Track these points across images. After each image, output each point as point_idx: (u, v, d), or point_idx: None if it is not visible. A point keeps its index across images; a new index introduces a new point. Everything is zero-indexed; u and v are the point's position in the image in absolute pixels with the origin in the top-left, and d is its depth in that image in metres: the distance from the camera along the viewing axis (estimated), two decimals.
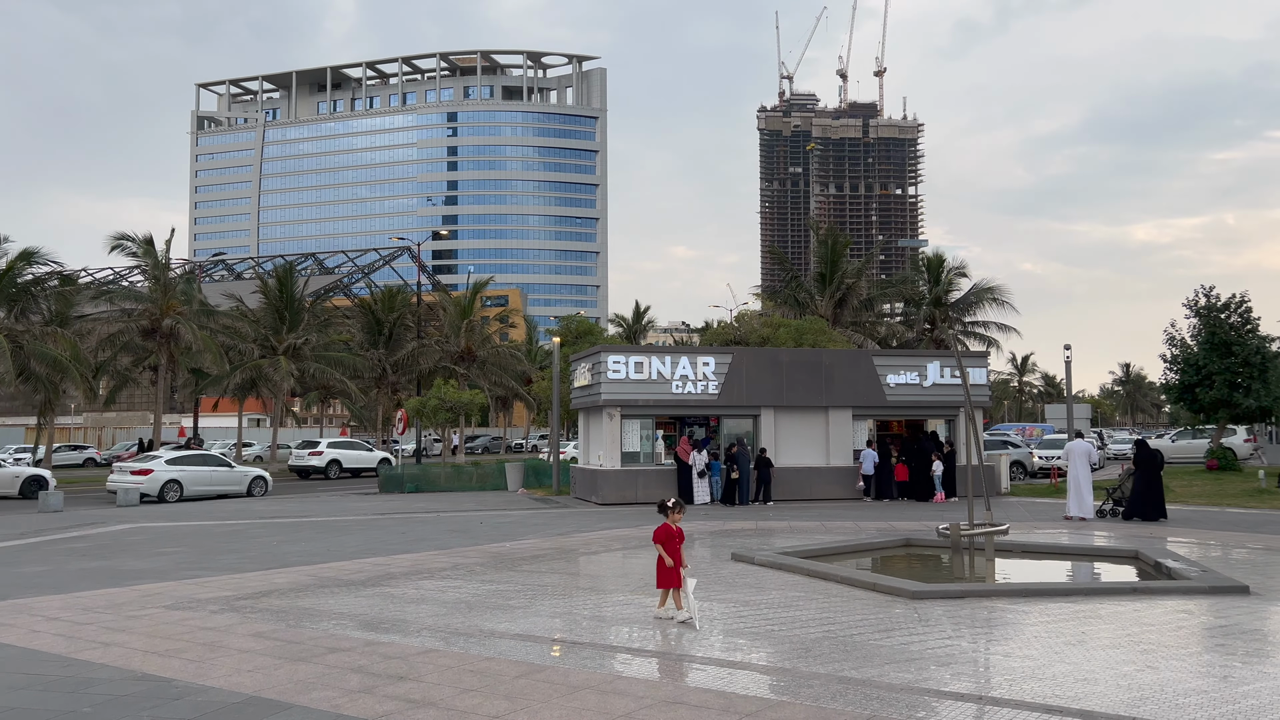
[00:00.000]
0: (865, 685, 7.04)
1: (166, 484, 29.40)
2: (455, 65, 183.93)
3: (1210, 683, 7.10)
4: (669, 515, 9.58)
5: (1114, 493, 20.54)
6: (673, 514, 9.57)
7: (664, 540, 9.44)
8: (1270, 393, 34.81)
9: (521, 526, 19.75)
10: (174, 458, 31.02)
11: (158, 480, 29.29)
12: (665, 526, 9.54)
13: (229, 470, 31.71)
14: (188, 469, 30.31)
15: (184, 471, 30.08)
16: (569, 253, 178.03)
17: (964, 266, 52.12)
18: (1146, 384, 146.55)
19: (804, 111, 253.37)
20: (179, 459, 30.95)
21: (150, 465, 29.76)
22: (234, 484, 31.24)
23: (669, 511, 9.60)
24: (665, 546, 9.42)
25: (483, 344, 57.95)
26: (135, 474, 29.27)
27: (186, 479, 29.90)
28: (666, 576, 9.49)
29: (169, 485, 29.43)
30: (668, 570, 9.45)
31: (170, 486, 29.43)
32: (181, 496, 29.53)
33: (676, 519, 9.59)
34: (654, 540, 9.54)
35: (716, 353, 26.66)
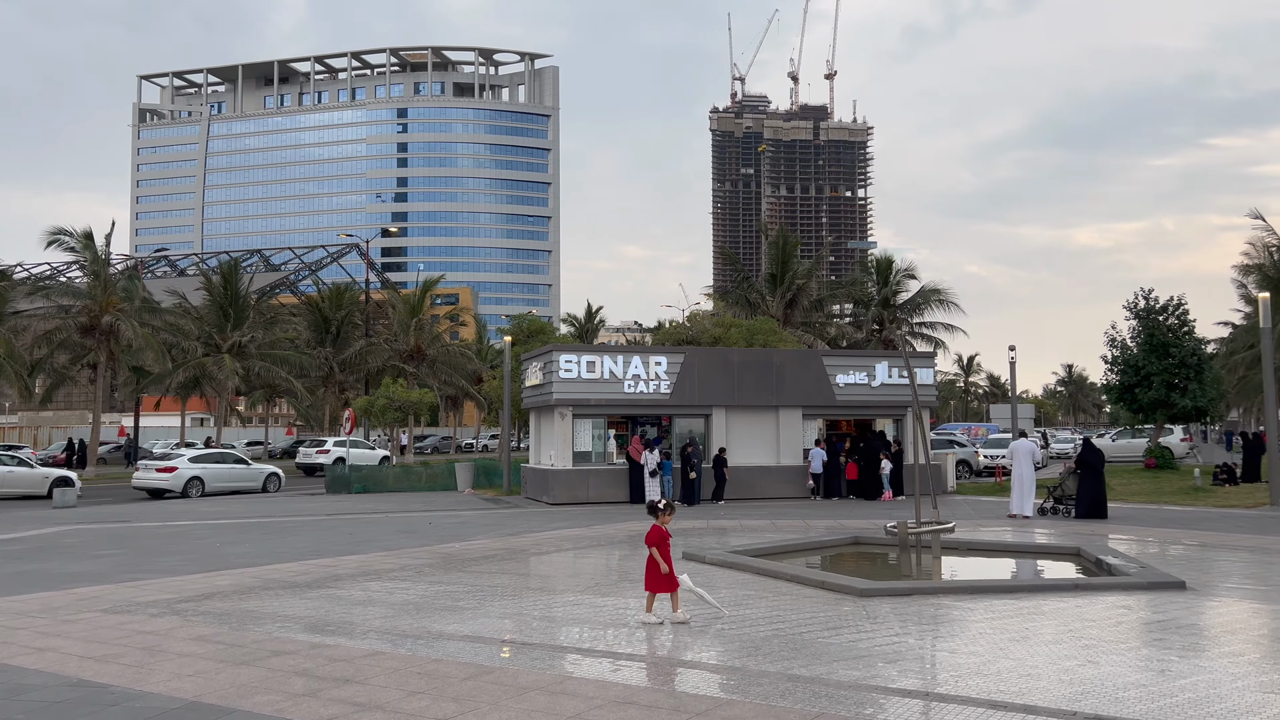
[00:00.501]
0: (814, 683, 7.08)
1: (190, 481, 30.60)
2: (406, 61, 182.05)
3: (1149, 676, 7.25)
4: (659, 517, 9.38)
5: (1055, 491, 20.93)
6: (663, 515, 9.38)
7: (658, 543, 9.20)
8: (1205, 393, 35.77)
9: (471, 527, 19.60)
10: (196, 456, 32.30)
11: (181, 477, 30.58)
12: (657, 529, 9.29)
13: (246, 467, 33.06)
14: (209, 466, 31.56)
15: (206, 469, 31.30)
16: (521, 251, 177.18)
17: (912, 268, 52.88)
18: (1088, 385, 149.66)
19: (756, 113, 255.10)
20: (200, 457, 32.20)
21: (175, 464, 31.23)
22: (251, 480, 32.50)
23: (659, 513, 9.41)
24: (659, 549, 9.18)
25: (432, 343, 57.43)
26: (161, 471, 30.70)
27: (208, 476, 31.13)
28: (659, 580, 9.23)
29: (192, 482, 30.62)
30: (660, 574, 9.19)
31: (193, 483, 30.63)
32: (203, 492, 30.68)
33: (667, 520, 9.39)
34: (647, 543, 9.32)
35: (669, 352, 26.70)
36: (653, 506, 9.57)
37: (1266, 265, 49.63)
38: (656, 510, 9.48)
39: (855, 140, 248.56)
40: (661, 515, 9.40)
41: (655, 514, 9.46)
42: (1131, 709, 6.37)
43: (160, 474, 30.60)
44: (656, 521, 9.38)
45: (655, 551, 9.21)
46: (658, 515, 9.43)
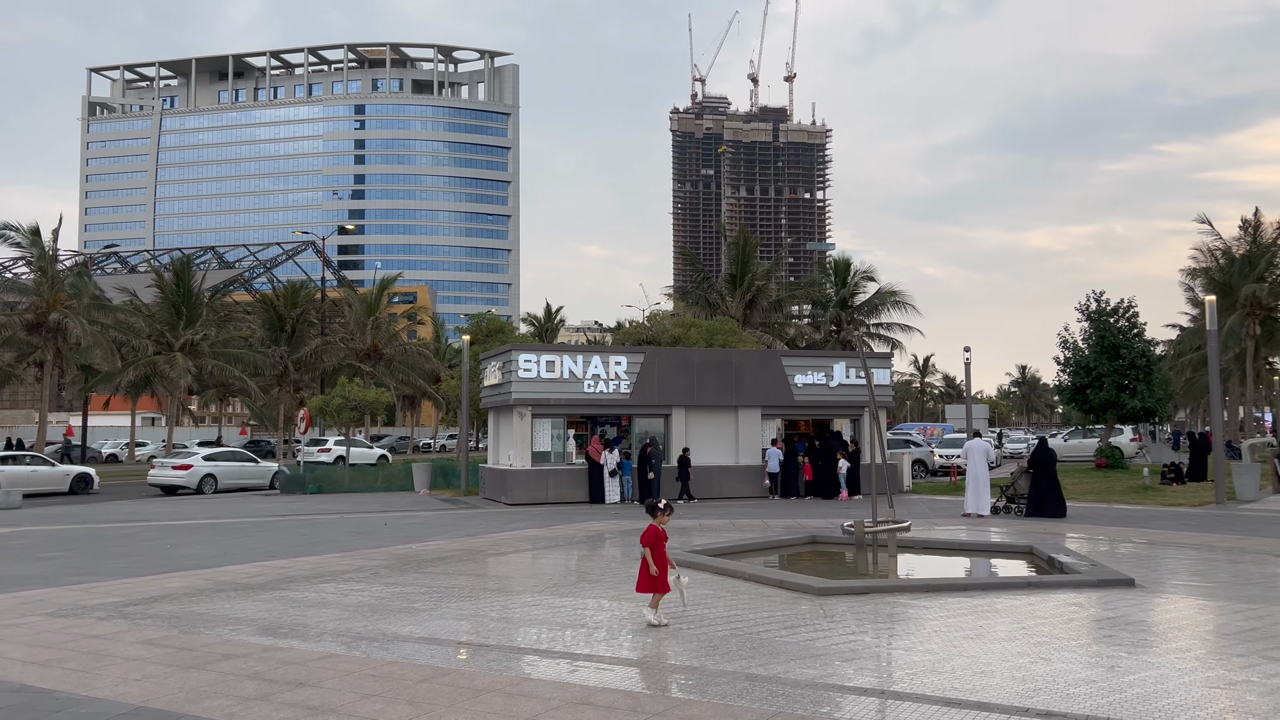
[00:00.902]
0: (771, 682, 7.10)
1: (204, 478, 31.88)
2: (364, 57, 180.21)
3: (1099, 673, 7.36)
4: (657, 517, 9.16)
5: (1008, 490, 21.22)
6: (662, 516, 9.16)
7: (653, 544, 9.00)
8: (1154, 394, 36.52)
9: (428, 528, 19.43)
10: (210, 454, 33.59)
11: (197, 474, 31.84)
12: (654, 529, 9.08)
13: (255, 465, 34.03)
14: (222, 464, 32.80)
15: (219, 466, 32.53)
16: (480, 250, 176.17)
17: (870, 270, 53.37)
18: (1041, 385, 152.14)
19: (716, 114, 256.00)
20: (214, 455, 33.57)
21: (190, 461, 32.54)
22: (260, 477, 33.42)
23: (658, 513, 9.18)
24: (654, 551, 8.98)
25: (390, 341, 56.90)
26: (176, 469, 31.95)
27: (221, 473, 32.28)
28: (651, 582, 9.04)
29: (206, 479, 31.89)
30: (651, 577, 9.00)
31: (207, 480, 31.91)
32: (216, 489, 31.79)
33: (665, 521, 9.18)
34: (642, 543, 9.11)
35: (629, 352, 26.68)
36: (652, 506, 9.28)
37: (1213, 269, 50.82)
38: (656, 510, 9.22)
39: (814, 142, 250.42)
40: (660, 515, 9.16)
41: (654, 514, 9.21)
42: (1082, 705, 6.46)
43: (176, 471, 31.82)
44: (654, 521, 9.15)
45: (648, 552, 9.01)
46: (656, 515, 9.18)
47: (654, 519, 9.20)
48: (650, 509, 9.32)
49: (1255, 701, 6.57)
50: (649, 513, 9.33)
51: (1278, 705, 6.46)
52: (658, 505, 9.29)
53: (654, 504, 9.33)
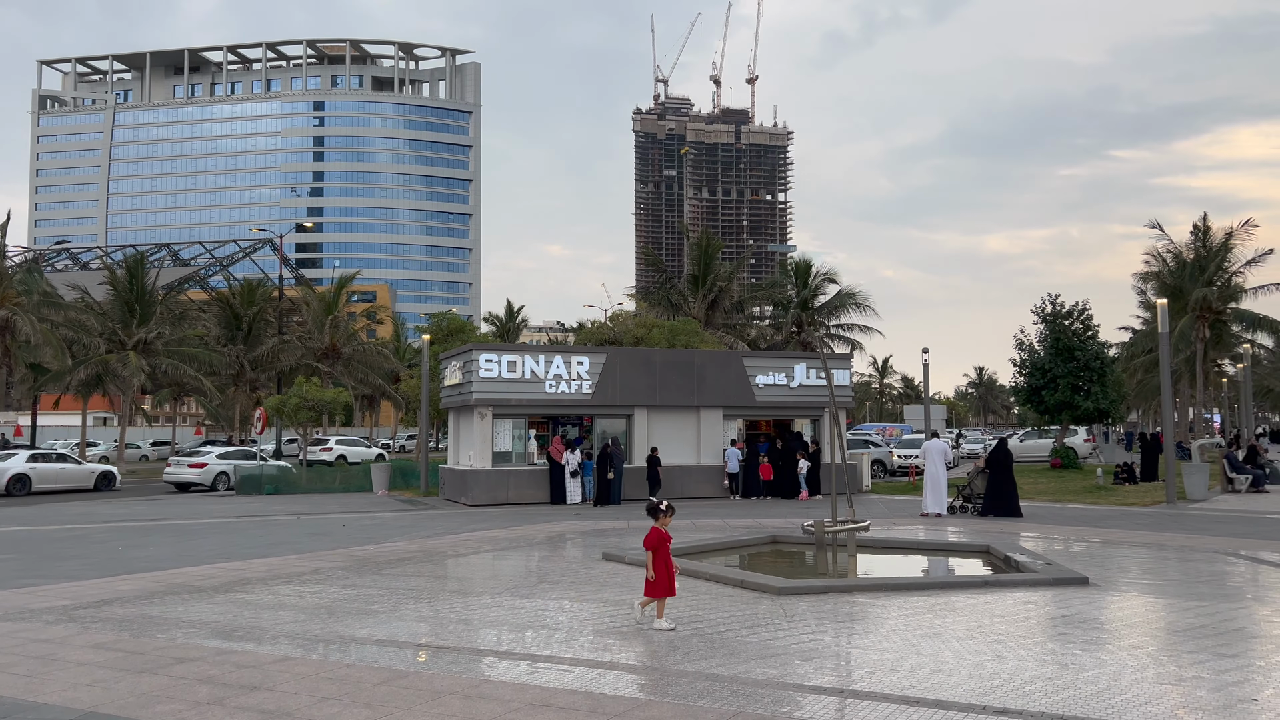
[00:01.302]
0: (732, 682, 7.11)
1: (218, 475, 33.70)
2: (323, 53, 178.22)
3: (1054, 670, 7.46)
4: (659, 519, 9.00)
5: (965, 490, 21.48)
6: (663, 518, 9.00)
7: (656, 546, 8.86)
8: (1108, 395, 37.16)
9: (386, 529, 19.25)
10: (222, 453, 35.43)
11: (211, 472, 33.74)
12: (656, 531, 8.94)
13: (265, 464, 34.97)
14: (235, 462, 34.30)
15: (232, 465, 34.10)
16: (440, 249, 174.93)
17: (830, 272, 53.81)
18: (998, 386, 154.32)
19: (678, 115, 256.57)
20: (226, 454, 35.35)
21: (204, 459, 34.37)
22: None
23: (660, 515, 9.02)
24: (657, 554, 8.85)
25: (348, 341, 56.34)
26: (191, 467, 33.83)
27: (233, 472, 33.67)
28: (654, 585, 8.92)
29: (220, 476, 33.74)
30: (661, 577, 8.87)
31: (221, 478, 33.71)
32: (230, 486, 33.27)
33: (667, 523, 9.03)
34: (646, 546, 8.98)
35: (591, 352, 26.63)
36: (653, 508, 9.10)
37: (1164, 273, 51.84)
38: (657, 512, 9.05)
39: (776, 145, 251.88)
40: (662, 517, 9.00)
41: (655, 516, 9.04)
42: (1038, 702, 6.54)
43: (191, 469, 33.76)
44: (656, 524, 9.00)
45: (651, 556, 8.89)
46: (657, 517, 9.01)
47: (655, 521, 9.05)
48: (651, 511, 9.13)
49: (1205, 697, 6.69)
50: (650, 515, 9.15)
51: (1227, 701, 6.59)
52: (659, 507, 9.09)
53: (655, 506, 9.14)
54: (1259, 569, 12.86)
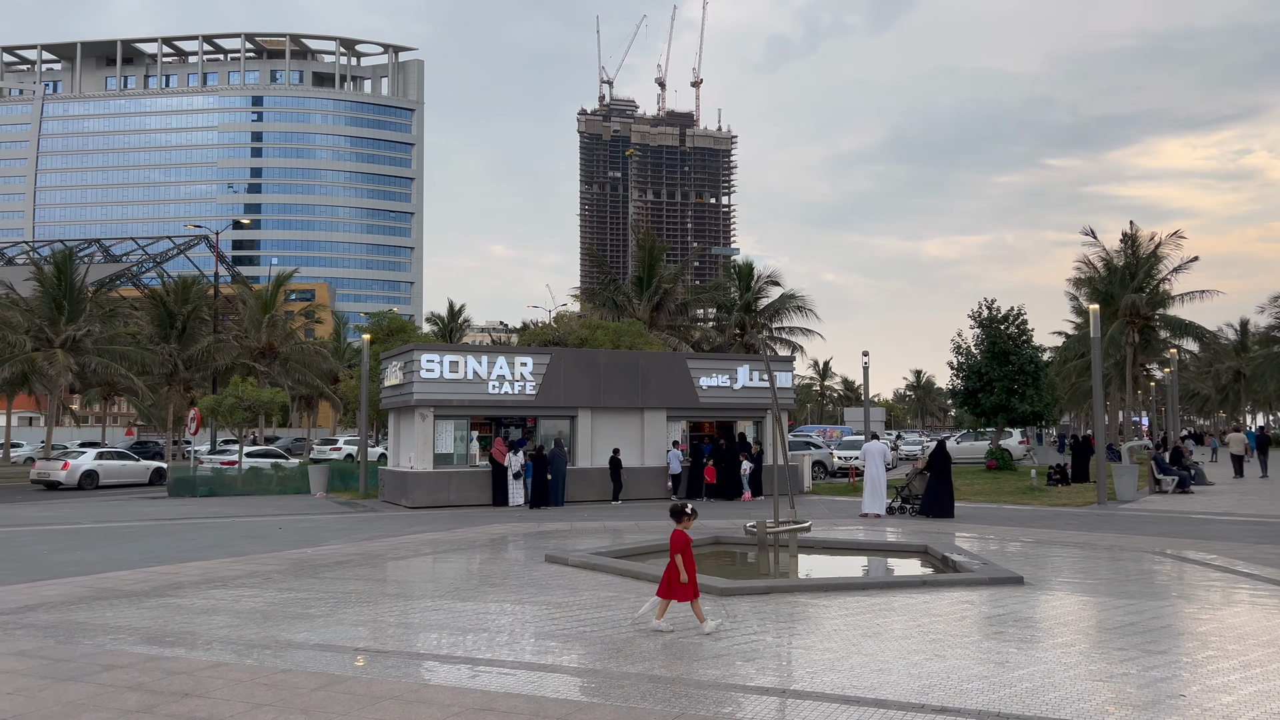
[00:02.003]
0: (674, 683, 7.11)
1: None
2: (262, 47, 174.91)
3: (990, 668, 7.59)
4: (682, 521, 8.87)
5: (903, 491, 21.80)
6: (687, 520, 8.89)
7: (682, 549, 8.69)
8: (1042, 398, 38.02)
9: (325, 531, 18.93)
10: (250, 452, 37.79)
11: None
12: (681, 533, 8.77)
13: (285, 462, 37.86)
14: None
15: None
16: (382, 247, 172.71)
17: (773, 275, 54.30)
18: (935, 389, 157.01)
19: (623, 117, 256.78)
20: (255, 454, 37.87)
21: (233, 458, 36.37)
22: None
23: (683, 517, 8.89)
24: (685, 555, 8.69)
25: (286, 340, 55.37)
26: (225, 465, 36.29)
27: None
28: (682, 589, 8.70)
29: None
30: (679, 582, 8.68)
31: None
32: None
33: (689, 525, 8.91)
34: (673, 549, 8.74)
35: (535, 353, 26.49)
36: (678, 510, 8.95)
37: (1096, 280, 53.23)
38: (681, 514, 8.92)
39: (720, 148, 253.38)
40: (685, 519, 8.88)
41: (679, 518, 8.90)
42: (975, 700, 6.64)
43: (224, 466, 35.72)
44: (680, 526, 8.86)
45: (679, 558, 8.71)
46: (681, 519, 8.88)
47: (679, 523, 8.89)
48: (675, 513, 8.97)
49: (1134, 693, 6.86)
50: (673, 517, 8.99)
51: (1155, 696, 6.76)
52: (684, 510, 8.96)
53: (680, 508, 8.98)
54: (1184, 567, 13.25)
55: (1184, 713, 6.37)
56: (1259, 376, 74.79)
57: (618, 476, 25.24)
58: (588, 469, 25.74)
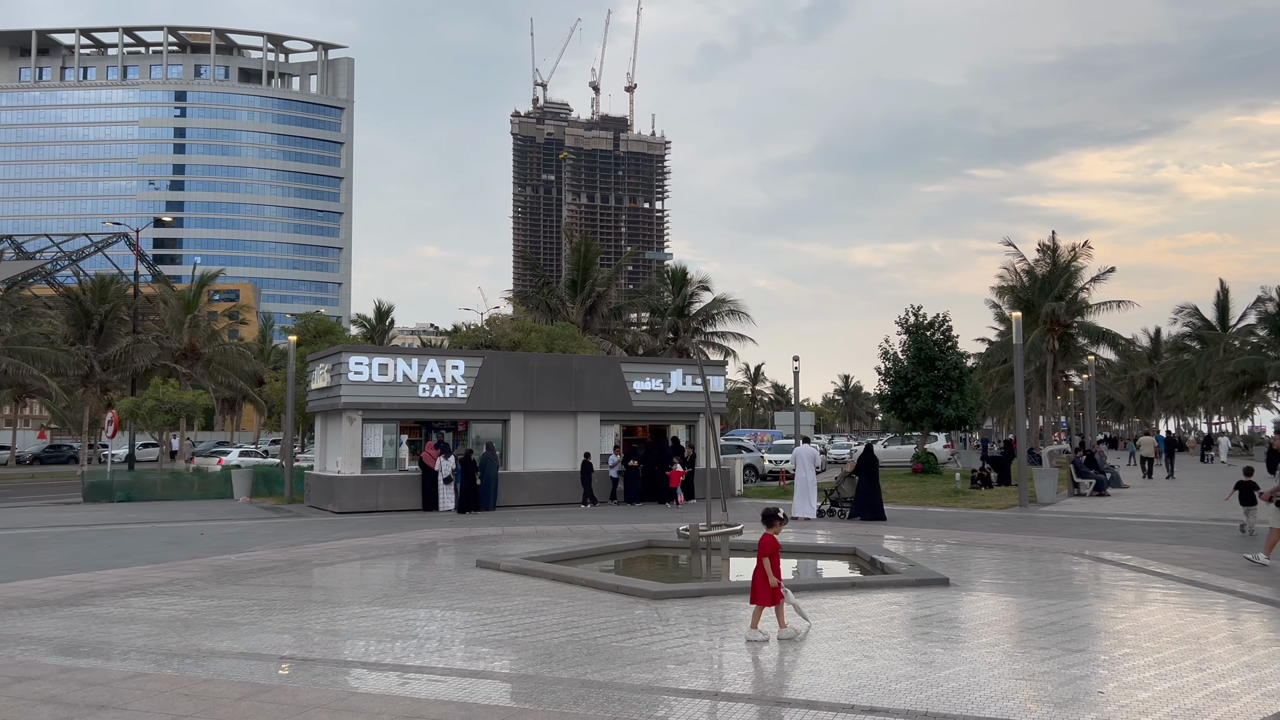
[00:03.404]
0: (607, 688, 7.09)
1: None
2: (186, 41, 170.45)
3: (917, 668, 7.73)
4: (773, 526, 8.85)
5: (832, 494, 22.10)
6: (778, 525, 8.88)
7: (771, 553, 8.66)
8: (966, 403, 38.91)
9: (249, 537, 18.49)
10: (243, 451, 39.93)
11: None
12: (770, 538, 8.74)
13: None
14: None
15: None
16: (309, 247, 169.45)
17: (706, 280, 54.72)
18: (863, 394, 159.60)
19: (557, 120, 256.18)
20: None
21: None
22: None
23: (775, 522, 8.88)
24: (771, 560, 8.66)
25: (209, 341, 54.03)
26: None
27: None
28: (769, 593, 8.65)
29: None
30: (768, 587, 8.64)
31: None
32: None
33: (779, 530, 8.89)
34: (762, 553, 8.68)
35: (466, 356, 26.23)
36: (769, 515, 8.92)
37: (1018, 288, 54.70)
38: (773, 519, 8.89)
39: (654, 153, 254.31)
40: (777, 524, 8.87)
41: (770, 523, 8.87)
42: (902, 700, 6.75)
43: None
44: (770, 531, 8.81)
45: (767, 562, 8.65)
46: (772, 524, 8.85)
47: (769, 528, 8.85)
48: (767, 518, 8.93)
49: (1054, 691, 7.04)
50: (765, 522, 8.93)
51: (1075, 694, 6.95)
52: (775, 514, 8.95)
53: (772, 513, 8.96)
54: (1100, 568, 13.66)
55: (1101, 709, 6.56)
56: (1170, 383, 77.67)
57: (588, 480, 25.28)
58: (520, 473, 25.57)
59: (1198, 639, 8.82)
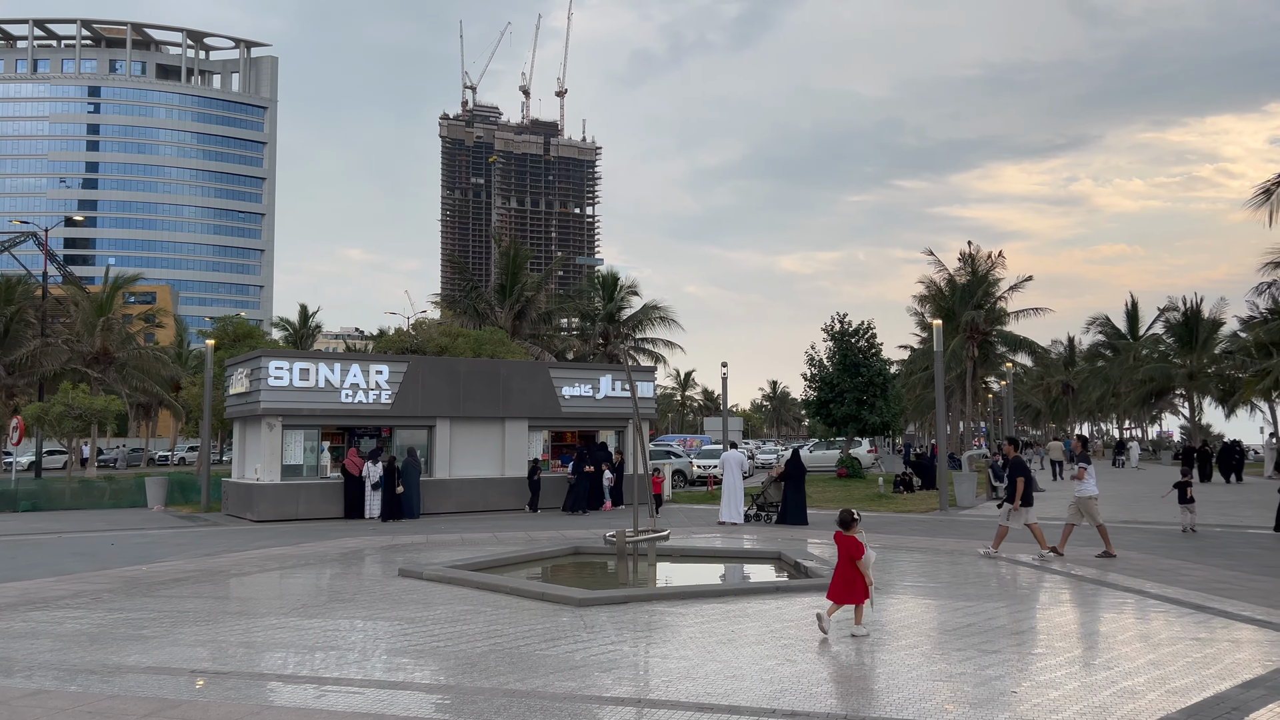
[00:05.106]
0: (529, 697, 7.02)
1: None
2: (101, 35, 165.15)
3: (839, 671, 7.81)
4: (851, 528, 9.19)
5: (759, 498, 22.30)
6: (857, 526, 9.25)
7: (854, 552, 9.04)
8: (890, 409, 39.65)
9: (162, 547, 17.92)
10: None
11: None
12: (854, 539, 9.10)
13: None
14: None
15: None
16: (230, 249, 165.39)
17: (636, 286, 54.82)
18: (790, 400, 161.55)
19: (487, 123, 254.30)
20: None
21: None
22: None
23: (852, 524, 9.22)
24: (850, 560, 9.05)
25: (123, 345, 52.30)
26: None
27: None
28: (855, 592, 9.07)
29: None
30: (860, 585, 9.06)
31: None
32: None
33: (857, 531, 9.23)
34: (855, 553, 9.05)
35: (391, 360, 25.83)
36: (847, 518, 9.26)
37: (939, 296, 55.95)
38: (851, 521, 9.24)
39: (585, 158, 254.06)
40: (855, 526, 9.22)
41: (848, 525, 9.21)
42: (824, 703, 6.81)
43: None
44: (850, 533, 9.16)
45: (860, 563, 9.04)
46: (850, 526, 9.20)
47: (847, 530, 9.19)
48: (845, 521, 9.27)
49: (970, 691, 7.18)
50: (842, 525, 9.26)
51: (990, 694, 7.10)
52: (853, 517, 9.30)
53: (850, 516, 9.31)
54: (1017, 570, 14.01)
55: (1014, 709, 6.71)
56: (1084, 388, 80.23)
57: (536, 487, 25.18)
58: (446, 480, 25.28)
59: (1107, 638, 9.09)
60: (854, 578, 9.12)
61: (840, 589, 9.14)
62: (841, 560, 9.18)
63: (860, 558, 9.08)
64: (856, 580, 9.11)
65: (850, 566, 9.11)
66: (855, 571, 9.10)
